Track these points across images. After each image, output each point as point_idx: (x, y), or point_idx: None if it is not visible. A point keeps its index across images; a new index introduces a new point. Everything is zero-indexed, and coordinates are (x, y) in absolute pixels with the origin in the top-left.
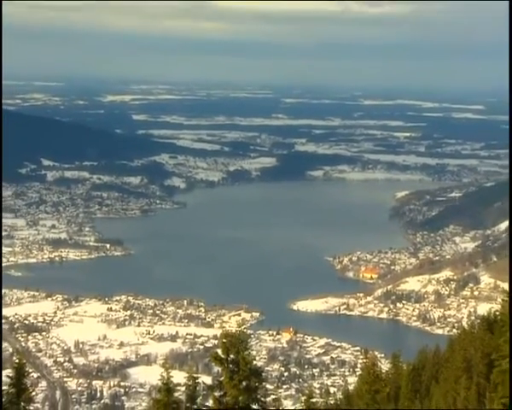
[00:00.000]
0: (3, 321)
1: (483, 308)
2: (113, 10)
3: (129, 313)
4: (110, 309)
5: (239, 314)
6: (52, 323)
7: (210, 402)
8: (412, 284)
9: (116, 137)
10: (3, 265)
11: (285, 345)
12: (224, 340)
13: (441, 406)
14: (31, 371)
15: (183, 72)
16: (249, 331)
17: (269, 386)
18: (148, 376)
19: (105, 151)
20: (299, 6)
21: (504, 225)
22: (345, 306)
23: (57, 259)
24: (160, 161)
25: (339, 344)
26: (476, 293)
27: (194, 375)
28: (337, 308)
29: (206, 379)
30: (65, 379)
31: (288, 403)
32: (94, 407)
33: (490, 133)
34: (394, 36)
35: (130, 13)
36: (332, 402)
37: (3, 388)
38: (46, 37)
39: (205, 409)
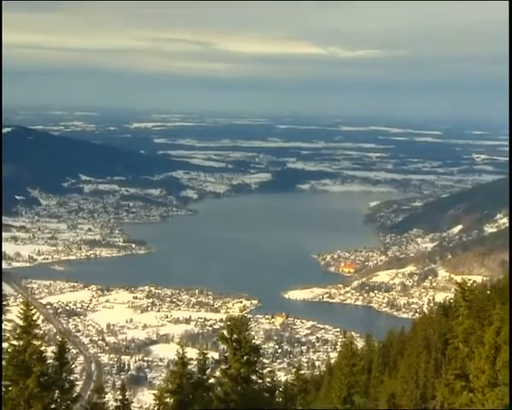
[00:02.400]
0: (49, 307)
1: (440, 297)
2: (140, 54)
3: (151, 300)
4: (135, 297)
5: (241, 302)
6: (88, 308)
7: (217, 373)
8: (382, 276)
9: (140, 157)
10: (49, 261)
11: (278, 327)
12: (229, 323)
13: (406, 376)
14: (71, 347)
15: (195, 103)
16: (249, 316)
17: (265, 360)
18: (167, 352)
19: (131, 168)
20: (292, 50)
21: (457, 228)
22: (327, 295)
23: (92, 256)
24: (176, 176)
25: (322, 326)
26: (434, 284)
27: (204, 351)
28: (321, 297)
29: (214, 355)
30: (99, 354)
31: (281, 374)
32: (122, 377)
33: (445, 154)
34: (368, 75)
35: (152, 55)
36: (317, 374)
37: (49, 361)
38: (86, 75)
39: None
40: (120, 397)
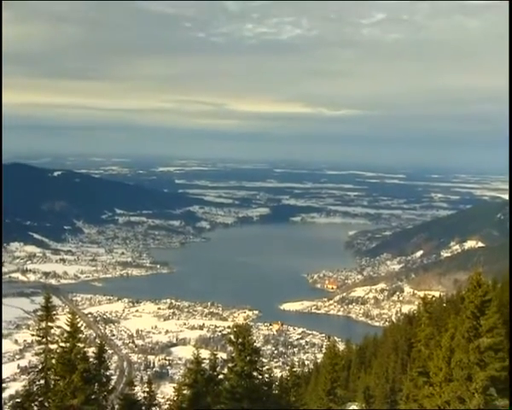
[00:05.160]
0: (90, 316)
1: (405, 309)
2: (166, 112)
3: (172, 310)
4: (159, 308)
5: (244, 312)
6: (121, 317)
7: (225, 370)
8: (359, 292)
9: (164, 195)
10: (90, 278)
11: (275, 333)
12: (235, 329)
13: (378, 372)
14: (107, 349)
15: (208, 151)
16: (251, 324)
17: (264, 360)
18: (185, 353)
19: (157, 204)
20: (287, 110)
21: (419, 253)
22: (315, 306)
23: (125, 275)
24: (193, 210)
25: (311, 332)
26: (401, 298)
27: (215, 352)
28: (310, 308)
29: (223, 355)
30: (129, 354)
31: (277, 371)
32: (148, 373)
33: (409, 193)
34: (348, 130)
35: (176, 114)
36: (306, 371)
37: (90, 360)
38: (122, 129)
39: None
40: (147, 389)
